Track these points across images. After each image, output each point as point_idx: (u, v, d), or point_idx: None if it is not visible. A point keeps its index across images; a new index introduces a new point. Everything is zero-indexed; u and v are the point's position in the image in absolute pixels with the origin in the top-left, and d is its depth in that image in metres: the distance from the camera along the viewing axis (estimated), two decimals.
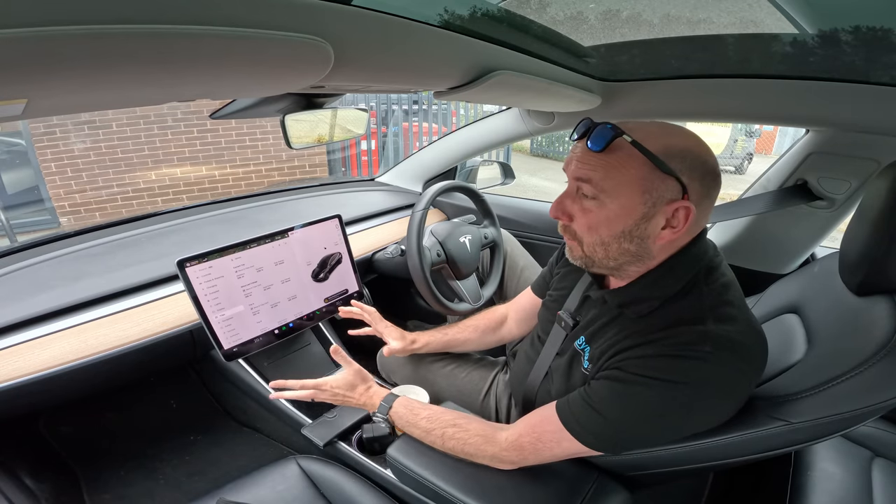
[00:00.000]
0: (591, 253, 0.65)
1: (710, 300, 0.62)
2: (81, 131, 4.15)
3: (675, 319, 0.62)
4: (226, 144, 4.70)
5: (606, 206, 0.60)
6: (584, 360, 0.72)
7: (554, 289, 0.90)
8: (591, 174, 0.60)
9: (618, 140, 0.58)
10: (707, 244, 0.68)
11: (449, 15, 0.59)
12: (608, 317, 0.71)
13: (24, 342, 0.84)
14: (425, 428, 0.79)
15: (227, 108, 0.88)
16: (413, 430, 0.81)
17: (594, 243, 0.64)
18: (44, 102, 0.39)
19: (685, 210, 0.58)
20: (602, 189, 0.60)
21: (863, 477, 0.88)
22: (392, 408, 0.84)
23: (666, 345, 0.60)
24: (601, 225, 0.62)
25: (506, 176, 1.77)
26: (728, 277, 0.67)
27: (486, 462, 0.74)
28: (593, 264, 0.67)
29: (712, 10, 0.76)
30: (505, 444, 0.72)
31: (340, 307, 1.11)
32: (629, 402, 0.62)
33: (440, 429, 0.77)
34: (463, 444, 0.75)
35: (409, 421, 0.81)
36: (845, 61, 0.82)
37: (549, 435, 0.67)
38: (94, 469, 1.17)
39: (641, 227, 0.60)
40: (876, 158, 0.99)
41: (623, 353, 0.64)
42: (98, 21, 0.28)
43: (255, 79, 0.48)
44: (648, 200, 0.58)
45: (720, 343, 0.58)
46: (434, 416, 0.80)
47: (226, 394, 1.33)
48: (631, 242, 0.61)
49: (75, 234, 1.16)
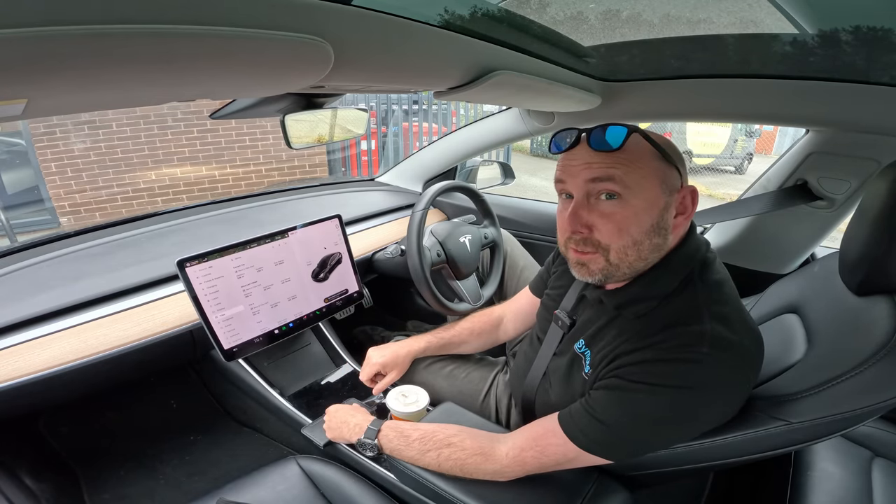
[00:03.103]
0: (619, 259, 0.62)
1: (704, 298, 0.62)
2: (81, 131, 4.15)
3: (671, 320, 0.62)
4: (226, 144, 4.70)
5: (630, 203, 0.59)
6: (585, 364, 0.72)
7: (551, 288, 0.90)
8: (613, 171, 0.59)
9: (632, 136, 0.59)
10: (699, 240, 0.68)
11: (449, 15, 0.59)
12: (606, 318, 0.71)
13: (24, 342, 0.84)
14: (419, 449, 0.75)
15: (227, 108, 0.88)
16: (405, 455, 0.77)
17: (625, 246, 0.61)
18: (44, 102, 0.39)
19: (690, 194, 0.62)
20: (626, 185, 0.59)
21: (863, 477, 0.88)
22: (381, 431, 0.81)
23: (664, 348, 0.60)
24: (630, 223, 0.60)
25: (506, 176, 1.77)
26: (721, 275, 0.67)
27: (488, 478, 0.72)
28: (615, 274, 0.63)
29: (712, 10, 0.76)
30: (506, 459, 0.70)
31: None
32: (632, 410, 0.61)
33: (435, 450, 0.74)
34: (461, 464, 0.72)
35: (400, 445, 0.78)
36: (845, 61, 0.82)
37: (554, 448, 0.67)
38: (94, 469, 1.17)
39: (665, 219, 0.61)
40: (876, 158, 0.99)
41: (622, 357, 0.64)
42: (98, 21, 0.28)
43: (255, 79, 0.48)
44: (666, 190, 0.60)
45: (717, 343, 0.58)
46: (427, 437, 0.75)
47: (226, 394, 1.33)
48: (658, 235, 0.61)
49: (75, 234, 1.16)
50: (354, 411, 0.91)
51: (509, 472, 0.70)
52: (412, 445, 0.76)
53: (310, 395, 1.12)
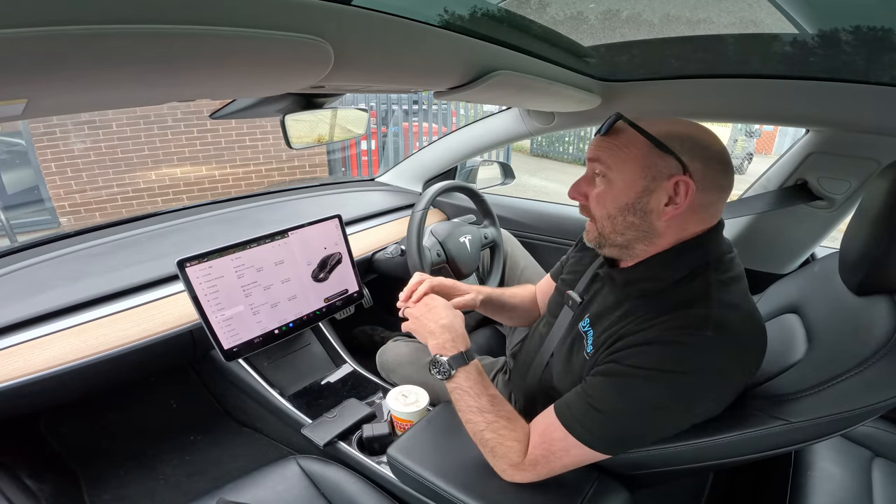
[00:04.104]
0: (601, 228, 0.70)
1: (716, 288, 0.63)
2: (81, 131, 4.16)
3: (678, 302, 0.63)
4: (226, 144, 4.71)
5: (612, 182, 0.67)
6: (587, 343, 0.72)
7: (567, 272, 0.91)
8: (600, 154, 0.67)
9: (621, 124, 0.66)
10: (722, 240, 0.70)
11: (449, 15, 0.59)
12: (614, 298, 0.72)
13: (24, 342, 0.84)
14: (477, 407, 0.72)
15: (227, 108, 0.88)
16: (464, 400, 0.73)
17: (602, 217, 0.69)
18: (44, 102, 0.39)
19: (685, 184, 0.62)
20: (609, 166, 0.66)
21: (863, 477, 0.88)
22: (468, 365, 0.75)
23: (667, 328, 0.61)
24: (608, 199, 0.67)
25: (506, 176, 1.77)
26: (737, 273, 0.68)
27: (504, 466, 0.70)
28: (605, 242, 0.71)
29: (712, 10, 0.76)
30: (525, 465, 0.69)
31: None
32: (629, 396, 0.61)
33: (493, 417, 0.71)
34: (495, 441, 0.70)
35: (471, 389, 0.73)
36: (845, 61, 0.82)
37: (558, 444, 0.66)
38: (94, 469, 1.17)
39: (644, 201, 0.65)
40: (876, 158, 0.99)
41: (624, 339, 0.64)
42: (98, 21, 0.28)
43: (255, 79, 0.48)
44: (648, 175, 0.64)
45: (722, 328, 0.59)
46: (496, 402, 0.72)
47: (226, 394, 1.33)
48: (635, 215, 0.66)
49: (75, 234, 1.16)
50: (454, 316, 0.81)
51: (524, 472, 0.70)
52: (480, 400, 0.73)
53: (310, 395, 1.12)
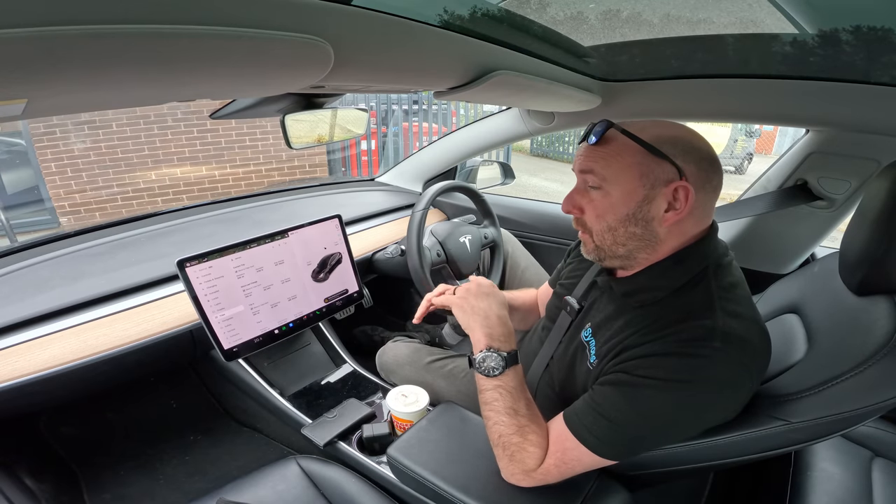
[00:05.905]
0: (600, 242, 0.68)
1: (717, 295, 0.62)
2: (81, 131, 4.16)
3: (681, 313, 0.62)
4: (226, 144, 4.70)
5: (610, 194, 0.65)
6: (590, 353, 0.72)
7: (565, 278, 0.90)
8: (593, 165, 0.65)
9: (611, 132, 0.64)
10: (718, 242, 0.69)
11: (449, 15, 0.59)
12: (614, 306, 0.71)
13: (24, 342, 0.84)
14: (514, 409, 0.69)
15: (227, 108, 0.88)
16: (501, 400, 0.70)
17: (602, 230, 0.67)
18: (44, 102, 0.39)
19: (684, 190, 0.61)
20: (603, 178, 0.64)
21: (863, 477, 0.88)
22: (510, 367, 0.71)
23: (673, 342, 0.60)
24: (607, 211, 0.66)
25: (506, 176, 1.78)
26: (736, 278, 0.68)
27: (515, 471, 0.68)
28: (605, 255, 0.69)
29: (712, 10, 0.76)
30: (537, 472, 0.68)
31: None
32: (639, 406, 0.61)
33: (526, 422, 0.69)
34: (519, 446, 0.68)
35: (514, 392, 0.70)
36: (845, 61, 0.82)
37: (571, 453, 0.65)
38: (94, 469, 1.17)
39: (644, 210, 0.63)
40: (876, 158, 0.99)
41: (629, 350, 0.64)
42: (98, 21, 0.28)
43: (255, 79, 0.48)
44: (647, 183, 0.62)
45: (728, 339, 0.58)
46: (531, 407, 0.71)
47: (226, 394, 1.33)
48: (636, 225, 0.64)
49: (75, 234, 1.16)
50: (501, 307, 0.79)
51: (526, 482, 0.69)
52: (518, 402, 0.70)
53: (310, 395, 1.12)
